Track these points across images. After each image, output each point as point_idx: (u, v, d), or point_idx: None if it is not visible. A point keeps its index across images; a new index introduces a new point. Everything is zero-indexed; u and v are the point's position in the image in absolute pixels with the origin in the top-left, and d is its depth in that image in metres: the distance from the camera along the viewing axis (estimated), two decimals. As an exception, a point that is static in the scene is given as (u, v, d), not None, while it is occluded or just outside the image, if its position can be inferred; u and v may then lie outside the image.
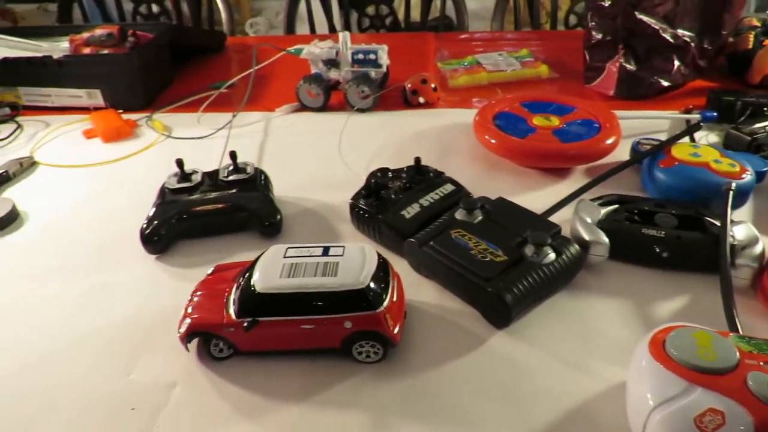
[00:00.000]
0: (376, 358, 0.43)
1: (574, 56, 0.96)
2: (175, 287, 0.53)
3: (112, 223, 0.62)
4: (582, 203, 0.55)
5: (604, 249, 0.50)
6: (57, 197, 0.69)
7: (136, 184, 0.70)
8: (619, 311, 0.48)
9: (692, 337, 0.36)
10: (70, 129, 0.85)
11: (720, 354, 0.35)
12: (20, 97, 0.90)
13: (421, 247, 0.50)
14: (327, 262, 0.43)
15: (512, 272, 0.46)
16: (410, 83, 0.87)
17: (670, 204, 0.54)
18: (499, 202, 0.56)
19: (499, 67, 0.96)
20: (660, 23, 0.82)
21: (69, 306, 0.51)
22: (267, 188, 0.62)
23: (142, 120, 0.86)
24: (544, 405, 0.40)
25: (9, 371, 0.45)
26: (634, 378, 0.38)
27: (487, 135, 0.69)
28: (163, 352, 0.45)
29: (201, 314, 0.44)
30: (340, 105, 0.88)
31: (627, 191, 0.58)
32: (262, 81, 0.97)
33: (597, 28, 0.87)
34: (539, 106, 0.75)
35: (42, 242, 0.61)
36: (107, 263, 0.56)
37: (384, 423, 0.40)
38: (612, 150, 0.66)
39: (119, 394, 0.42)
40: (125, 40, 0.91)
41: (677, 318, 0.46)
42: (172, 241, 0.57)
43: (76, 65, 0.88)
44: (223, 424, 0.40)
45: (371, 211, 0.56)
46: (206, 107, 0.89)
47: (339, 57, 0.86)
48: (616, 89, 0.86)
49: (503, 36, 1.22)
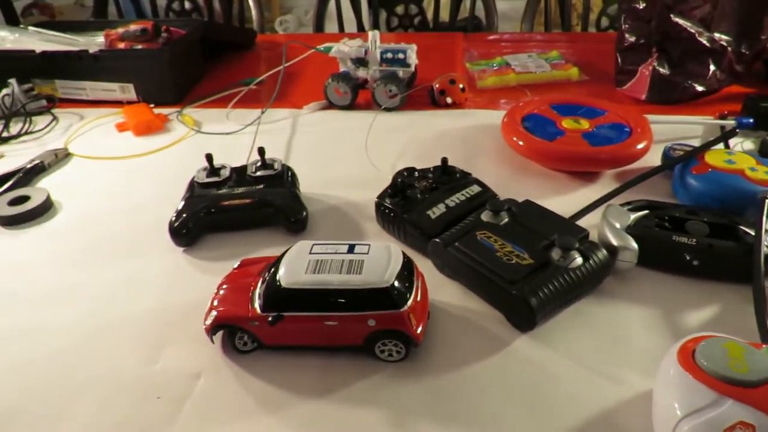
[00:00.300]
0: (399, 357, 0.43)
1: (606, 59, 0.95)
2: (201, 280, 0.53)
3: (141, 215, 0.64)
4: (611, 208, 0.54)
5: (633, 255, 0.49)
6: (89, 188, 0.70)
7: (165, 178, 0.71)
8: (647, 319, 0.47)
9: (723, 347, 0.36)
10: (103, 122, 0.87)
11: (752, 366, 0.34)
12: (57, 90, 0.93)
13: (446, 247, 0.50)
14: (352, 259, 0.43)
15: (538, 276, 0.46)
16: (438, 83, 0.87)
17: (702, 211, 0.53)
18: (525, 204, 0.55)
19: (528, 69, 0.95)
20: (696, 26, 0.80)
21: (98, 294, 0.53)
22: (293, 185, 0.62)
23: (173, 114, 0.88)
24: (567, 411, 0.40)
25: (41, 355, 0.46)
26: (661, 387, 0.37)
27: (515, 137, 0.68)
28: (188, 343, 0.46)
29: (227, 307, 0.44)
30: (368, 104, 0.88)
31: (657, 197, 0.57)
32: (290, 78, 0.98)
33: (630, 30, 0.85)
34: (569, 108, 0.74)
35: (74, 231, 0.62)
36: (136, 254, 0.58)
37: (404, 422, 0.39)
38: (643, 155, 0.65)
39: (146, 382, 0.43)
40: (158, 35, 0.93)
41: (707, 328, 0.45)
42: (199, 235, 0.58)
43: (110, 59, 0.90)
44: (245, 416, 0.40)
45: (396, 210, 0.56)
46: (235, 103, 0.90)
47: (368, 56, 0.86)
48: (648, 93, 0.84)
49: (533, 37, 1.21)
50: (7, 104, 0.87)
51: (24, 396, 0.43)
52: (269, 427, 0.40)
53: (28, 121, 0.86)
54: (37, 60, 0.89)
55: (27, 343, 0.48)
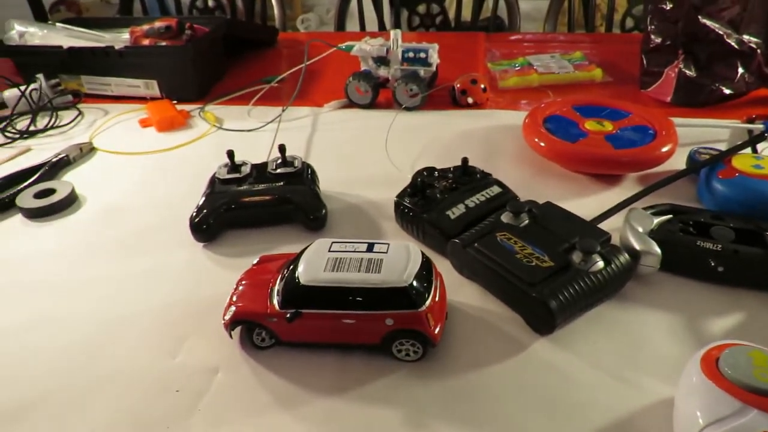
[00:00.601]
0: (416, 357, 0.43)
1: (630, 60, 0.93)
2: (220, 275, 0.54)
3: (163, 210, 0.64)
4: (634, 211, 0.53)
5: (656, 260, 0.49)
6: (112, 182, 0.72)
7: (187, 173, 0.72)
8: (669, 325, 0.46)
9: (749, 356, 0.35)
10: (127, 117, 0.88)
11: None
12: (82, 85, 0.95)
13: (465, 248, 0.50)
14: (371, 258, 0.43)
15: (558, 279, 0.45)
16: (459, 83, 0.86)
17: (728, 217, 0.52)
18: (546, 206, 0.54)
19: (550, 70, 0.95)
20: (725, 28, 0.79)
21: (119, 287, 0.53)
22: (313, 182, 0.62)
23: (195, 111, 0.89)
24: (586, 417, 0.39)
25: (62, 345, 0.47)
26: (683, 395, 0.37)
27: (536, 138, 0.68)
28: (207, 338, 0.47)
29: (245, 303, 0.45)
30: (388, 103, 0.88)
31: (682, 202, 0.56)
32: (311, 76, 0.98)
33: (656, 31, 0.84)
34: (592, 110, 0.73)
35: (97, 225, 0.63)
36: (157, 248, 0.58)
37: (420, 422, 0.39)
38: (667, 158, 0.64)
39: (165, 375, 0.44)
40: (182, 32, 0.94)
41: (731, 336, 0.44)
42: (219, 230, 0.59)
43: (135, 56, 0.92)
44: (262, 412, 0.41)
45: (416, 209, 0.56)
46: (256, 101, 0.90)
47: (389, 55, 0.86)
48: (673, 95, 0.83)
49: (556, 38, 1.20)
50: (35, 99, 0.88)
51: (45, 385, 0.44)
52: (285, 423, 0.40)
53: (55, 116, 0.87)
54: (64, 56, 0.91)
55: (49, 333, 0.48)
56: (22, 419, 0.41)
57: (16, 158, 0.78)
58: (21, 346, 0.47)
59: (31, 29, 0.99)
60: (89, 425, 0.40)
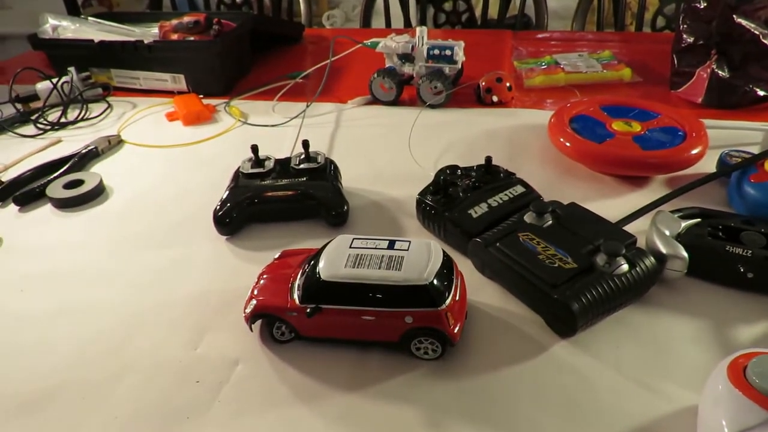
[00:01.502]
0: (434, 355, 0.43)
1: (660, 60, 0.92)
2: (242, 268, 0.54)
3: (187, 203, 0.65)
4: (661, 214, 0.52)
5: (683, 264, 0.48)
6: (139, 174, 0.73)
7: (211, 167, 0.73)
8: (695, 331, 0.45)
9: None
10: (154, 111, 0.90)
11: (808, 387, 0.32)
12: (112, 79, 0.96)
13: (487, 247, 0.49)
14: (392, 255, 0.43)
15: (581, 281, 0.45)
16: (484, 81, 0.86)
17: (759, 222, 0.50)
18: (570, 207, 0.54)
19: (578, 69, 0.93)
20: (761, 28, 0.77)
21: (143, 278, 0.54)
22: (336, 178, 0.63)
23: (221, 106, 0.90)
24: (607, 422, 0.39)
25: (87, 333, 0.48)
26: (708, 403, 0.36)
27: (562, 138, 0.67)
28: (227, 330, 0.47)
29: (266, 297, 0.45)
30: (412, 100, 0.88)
31: (711, 206, 0.54)
32: (336, 73, 0.98)
33: (689, 31, 0.82)
34: (620, 110, 0.72)
35: (124, 216, 0.64)
36: (181, 240, 0.59)
37: (438, 421, 0.39)
38: (697, 161, 0.63)
39: (185, 366, 0.44)
40: (210, 27, 0.95)
41: (760, 344, 0.43)
42: (242, 224, 0.59)
43: (163, 50, 0.93)
44: (280, 405, 0.41)
45: (438, 207, 0.55)
46: (281, 96, 0.91)
47: (414, 52, 0.85)
48: (705, 96, 0.81)
49: (584, 36, 1.18)
50: (66, 91, 0.90)
51: (69, 373, 0.45)
52: (302, 416, 0.40)
53: (85, 108, 0.89)
54: (95, 49, 0.93)
55: (74, 321, 0.49)
56: (46, 406, 0.42)
57: (46, 149, 0.79)
58: (47, 334, 0.48)
59: (64, 23, 1.01)
60: (111, 414, 0.41)
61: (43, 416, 0.41)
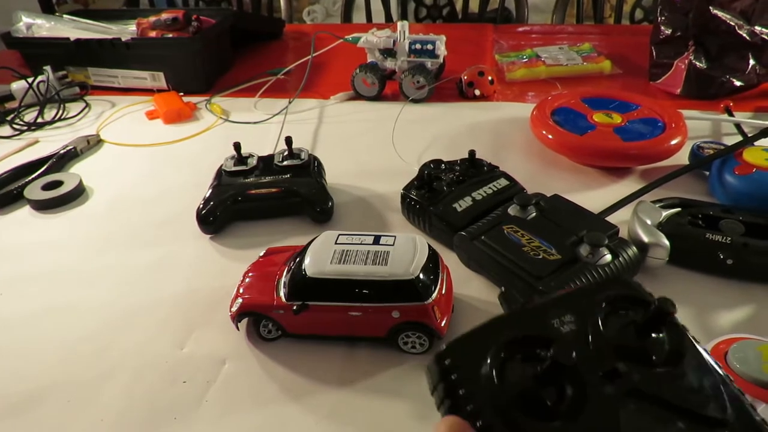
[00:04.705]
0: (422, 349, 0.43)
1: (639, 52, 0.93)
2: (227, 267, 0.54)
3: (170, 202, 0.65)
4: (642, 204, 0.53)
5: (664, 252, 0.48)
6: (120, 174, 0.72)
7: (193, 165, 0.72)
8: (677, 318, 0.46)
9: (758, 350, 0.35)
10: (134, 109, 0.89)
11: (788, 370, 0.33)
12: (90, 77, 0.95)
13: (472, 241, 0.50)
14: (378, 250, 0.43)
15: (565, 272, 0.45)
16: (467, 75, 0.86)
17: (737, 210, 0.51)
18: (554, 199, 0.54)
19: (558, 61, 0.94)
20: (736, 19, 0.78)
21: (127, 278, 0.54)
22: (320, 175, 0.62)
23: (202, 103, 0.89)
24: (592, 409, 0.39)
25: (71, 336, 0.47)
26: (691, 389, 0.36)
27: (544, 130, 0.67)
28: (214, 329, 0.47)
29: (252, 295, 0.45)
30: (395, 95, 0.88)
31: (691, 195, 0.55)
32: (318, 68, 0.98)
33: (667, 23, 0.83)
34: (601, 102, 0.72)
35: (105, 216, 0.63)
36: (164, 240, 0.58)
37: (426, 414, 0.39)
38: (677, 151, 0.64)
39: (172, 366, 0.44)
40: (189, 24, 0.94)
41: (740, 329, 0.44)
42: (226, 223, 0.59)
43: (142, 48, 0.92)
44: (268, 403, 0.41)
45: (422, 202, 0.56)
46: (263, 93, 0.90)
47: (396, 46, 0.85)
48: (683, 88, 0.82)
49: (564, 29, 1.19)
50: (42, 91, 0.89)
51: (53, 375, 0.44)
52: (291, 414, 0.40)
53: (62, 108, 0.87)
54: (71, 47, 0.91)
55: (58, 323, 0.49)
56: (32, 409, 0.41)
57: (23, 150, 0.78)
58: (29, 337, 0.48)
59: (38, 21, 0.99)
60: (98, 415, 0.41)
61: (29, 418, 0.41)
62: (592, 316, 0.29)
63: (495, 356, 0.27)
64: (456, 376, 0.27)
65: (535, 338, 0.28)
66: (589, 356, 0.27)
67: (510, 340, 0.28)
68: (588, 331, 0.28)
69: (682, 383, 0.27)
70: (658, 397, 0.26)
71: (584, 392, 0.26)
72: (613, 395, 0.26)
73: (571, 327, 0.28)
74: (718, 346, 0.36)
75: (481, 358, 0.27)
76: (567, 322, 0.28)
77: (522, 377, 0.26)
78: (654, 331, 0.29)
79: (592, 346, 0.28)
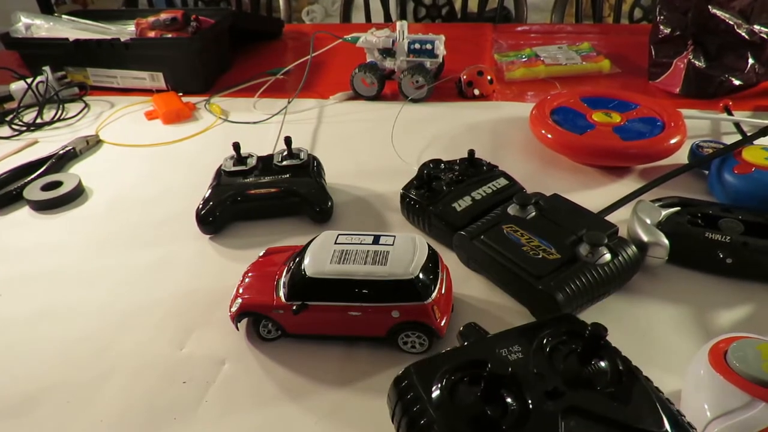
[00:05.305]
0: (422, 349, 0.43)
1: (638, 51, 0.93)
2: (227, 267, 0.54)
3: (169, 202, 0.64)
4: (641, 203, 0.53)
5: (664, 251, 0.48)
6: (119, 175, 0.72)
7: (193, 165, 0.72)
8: (677, 317, 0.46)
9: (757, 349, 0.35)
10: (133, 110, 0.88)
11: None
12: (89, 78, 0.95)
13: (472, 240, 0.50)
14: (377, 250, 0.43)
15: (565, 271, 0.45)
16: (466, 74, 0.86)
17: (737, 209, 0.51)
18: (553, 198, 0.54)
19: (557, 61, 0.94)
20: (735, 18, 0.78)
21: (126, 279, 0.54)
22: (319, 174, 0.62)
23: (201, 103, 0.89)
24: (592, 409, 0.39)
25: (71, 336, 0.47)
26: (690, 388, 0.36)
27: (543, 130, 0.67)
28: (213, 330, 0.47)
29: (252, 295, 0.45)
30: (394, 95, 0.88)
31: (690, 194, 0.55)
32: (317, 68, 0.98)
33: (666, 22, 0.83)
34: (600, 101, 0.72)
35: (104, 217, 0.63)
36: (163, 240, 0.58)
37: (427, 414, 0.39)
38: (676, 150, 0.64)
39: (172, 367, 0.44)
40: (188, 24, 0.94)
41: (740, 328, 0.44)
42: (226, 223, 0.59)
43: (141, 48, 0.92)
44: (268, 403, 0.41)
45: (422, 201, 0.56)
46: (262, 93, 0.90)
47: (395, 46, 0.85)
48: (682, 87, 0.82)
49: (563, 29, 1.19)
50: (41, 91, 0.89)
51: (53, 376, 0.44)
52: (291, 414, 0.40)
53: (61, 108, 0.87)
54: (70, 48, 0.91)
55: (56, 325, 0.49)
56: (31, 410, 0.41)
57: (23, 151, 0.78)
58: (29, 337, 0.48)
59: (37, 21, 0.99)
60: (97, 416, 0.41)
61: (28, 419, 0.41)
62: (537, 346, 0.33)
63: (445, 378, 0.32)
64: (411, 395, 0.31)
65: (480, 362, 0.32)
66: (532, 378, 0.31)
67: (458, 365, 0.32)
68: (531, 357, 0.33)
69: (621, 401, 0.30)
70: (597, 413, 0.29)
71: (527, 409, 0.30)
72: (554, 411, 0.29)
73: (517, 355, 0.33)
74: (718, 345, 0.36)
75: (434, 380, 0.32)
76: (514, 352, 0.33)
77: (469, 395, 0.31)
78: (594, 357, 0.33)
79: (537, 370, 0.32)
